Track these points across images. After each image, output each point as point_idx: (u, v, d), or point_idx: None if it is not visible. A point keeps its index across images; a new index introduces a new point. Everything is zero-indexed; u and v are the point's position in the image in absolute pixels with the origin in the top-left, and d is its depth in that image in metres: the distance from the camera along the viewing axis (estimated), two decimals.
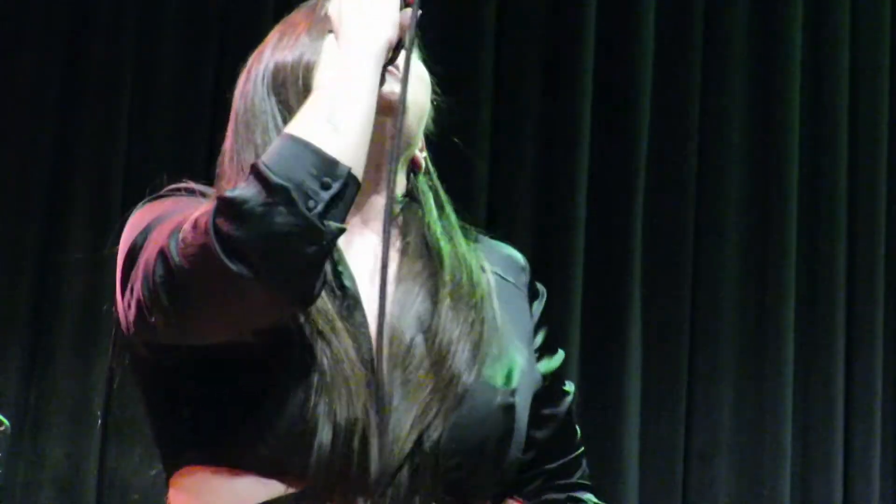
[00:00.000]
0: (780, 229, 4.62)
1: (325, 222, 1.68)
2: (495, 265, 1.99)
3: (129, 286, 1.74)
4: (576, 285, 4.42)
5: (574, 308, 4.40)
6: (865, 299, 4.71)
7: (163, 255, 1.68)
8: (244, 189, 1.66)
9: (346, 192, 1.71)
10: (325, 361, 1.76)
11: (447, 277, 1.89)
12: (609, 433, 4.41)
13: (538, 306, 2.01)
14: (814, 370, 4.64)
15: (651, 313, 4.51)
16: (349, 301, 1.81)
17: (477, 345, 1.86)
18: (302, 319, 1.76)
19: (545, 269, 4.36)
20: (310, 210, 1.66)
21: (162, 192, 1.88)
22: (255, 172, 1.67)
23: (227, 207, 1.65)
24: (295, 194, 1.66)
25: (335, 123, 1.73)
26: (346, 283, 1.82)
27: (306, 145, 1.70)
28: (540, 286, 2.04)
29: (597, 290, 4.46)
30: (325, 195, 1.68)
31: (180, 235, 1.68)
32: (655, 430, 4.49)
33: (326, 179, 1.69)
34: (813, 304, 4.67)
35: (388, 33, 1.83)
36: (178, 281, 1.67)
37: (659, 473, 4.48)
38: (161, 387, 1.81)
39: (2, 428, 3.55)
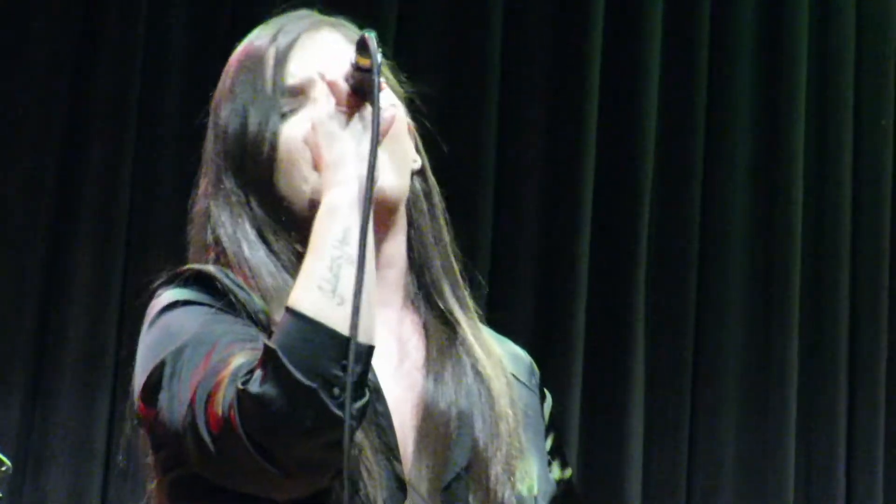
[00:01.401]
0: (784, 270, 4.65)
1: (352, 406, 1.70)
2: (508, 363, 2.00)
3: (157, 410, 1.77)
4: (577, 331, 4.44)
5: (576, 349, 4.43)
6: (868, 337, 4.72)
7: (193, 426, 1.72)
8: (267, 387, 1.67)
9: (366, 367, 1.72)
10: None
11: (479, 369, 1.91)
12: (611, 469, 4.42)
13: (547, 408, 2.03)
14: (816, 411, 4.67)
15: (654, 353, 4.52)
16: (371, 395, 1.80)
17: (511, 455, 1.89)
18: None
19: (547, 313, 4.39)
20: (335, 399, 1.68)
21: (179, 298, 1.85)
22: (276, 366, 1.68)
23: (252, 406, 1.68)
24: (322, 393, 1.68)
25: (341, 295, 1.73)
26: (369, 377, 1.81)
27: (320, 328, 1.71)
28: (546, 391, 2.05)
29: (599, 330, 4.48)
30: (349, 379, 1.69)
31: (206, 417, 1.71)
32: (658, 467, 4.50)
33: (345, 362, 1.70)
34: (817, 347, 4.70)
35: (364, 170, 1.79)
36: (206, 455, 1.72)
37: None
38: (179, 477, 1.83)
39: (3, 468, 3.55)
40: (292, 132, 1.90)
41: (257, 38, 1.96)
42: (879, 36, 4.81)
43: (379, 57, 1.78)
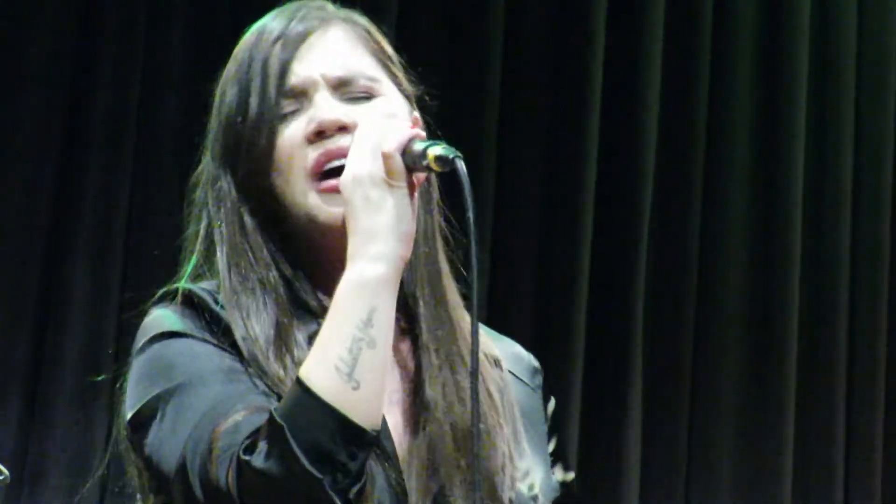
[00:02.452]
0: (783, 314, 4.67)
1: (352, 494, 1.70)
2: (507, 361, 1.99)
3: (145, 444, 1.79)
4: (577, 337, 4.46)
5: (576, 355, 4.45)
6: (866, 364, 4.75)
7: (183, 479, 1.73)
8: (272, 465, 1.68)
9: (369, 454, 1.72)
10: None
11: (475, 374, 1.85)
12: (610, 475, 4.46)
13: (550, 410, 2.01)
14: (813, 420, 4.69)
15: (652, 360, 4.55)
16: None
17: (510, 454, 1.88)
18: None
19: (546, 319, 4.38)
20: (338, 486, 1.68)
21: (171, 327, 1.84)
22: (283, 446, 1.68)
23: (254, 480, 1.69)
24: (327, 482, 1.68)
25: (358, 379, 1.71)
26: None
27: (332, 412, 1.69)
28: (550, 393, 2.04)
29: (598, 337, 4.50)
30: (354, 467, 1.69)
31: (200, 473, 1.72)
32: (655, 472, 4.54)
33: (353, 450, 1.69)
34: (815, 359, 4.71)
35: (405, 252, 1.78)
36: None
37: None
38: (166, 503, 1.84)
39: (1, 477, 3.55)
40: (290, 135, 1.87)
41: (269, 24, 1.93)
42: (880, 39, 4.83)
43: (468, 187, 1.76)
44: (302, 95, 1.88)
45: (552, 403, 2.02)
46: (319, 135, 1.85)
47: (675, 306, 4.62)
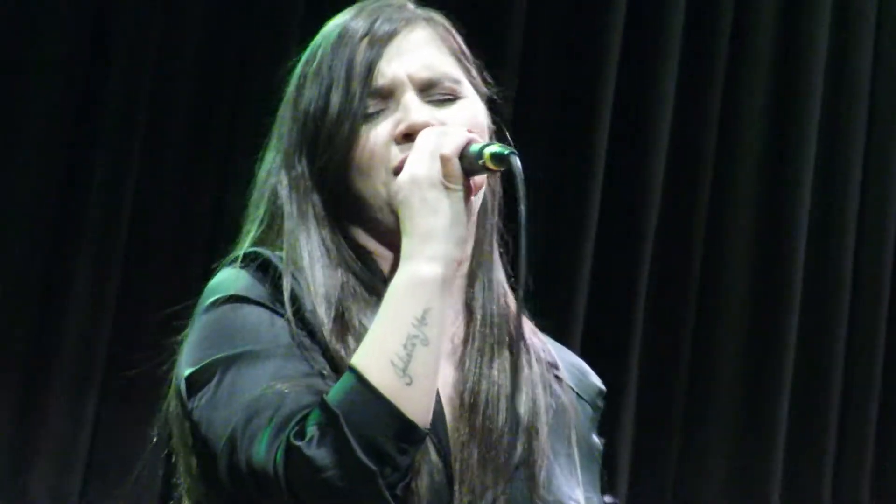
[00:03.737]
0: (782, 328, 4.68)
1: (398, 488, 1.73)
2: (567, 374, 2.01)
3: (194, 407, 1.82)
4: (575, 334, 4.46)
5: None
6: (863, 377, 4.78)
7: (230, 452, 1.76)
8: (323, 453, 1.70)
9: (417, 451, 1.75)
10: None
11: (527, 370, 1.92)
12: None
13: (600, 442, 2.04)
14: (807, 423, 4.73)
15: (650, 360, 4.57)
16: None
17: (574, 470, 1.92)
18: None
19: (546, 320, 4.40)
20: (387, 479, 1.71)
21: (241, 292, 1.86)
22: (336, 435, 1.70)
23: (303, 466, 1.71)
24: (379, 476, 1.71)
25: (412, 375, 1.74)
26: None
27: (387, 406, 1.73)
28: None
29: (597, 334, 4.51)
30: (403, 462, 1.73)
31: (248, 449, 1.74)
32: (647, 478, 4.57)
33: (404, 445, 1.73)
34: (813, 365, 4.74)
35: (458, 253, 1.82)
36: (236, 480, 1.76)
37: None
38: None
39: None
40: (376, 134, 1.89)
41: (352, 23, 1.94)
42: None
43: (522, 182, 1.80)
44: (389, 96, 1.90)
45: (600, 443, 2.04)
46: (407, 137, 1.87)
47: (672, 329, 4.65)
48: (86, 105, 4.15)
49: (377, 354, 1.75)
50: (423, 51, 1.93)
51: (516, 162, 1.80)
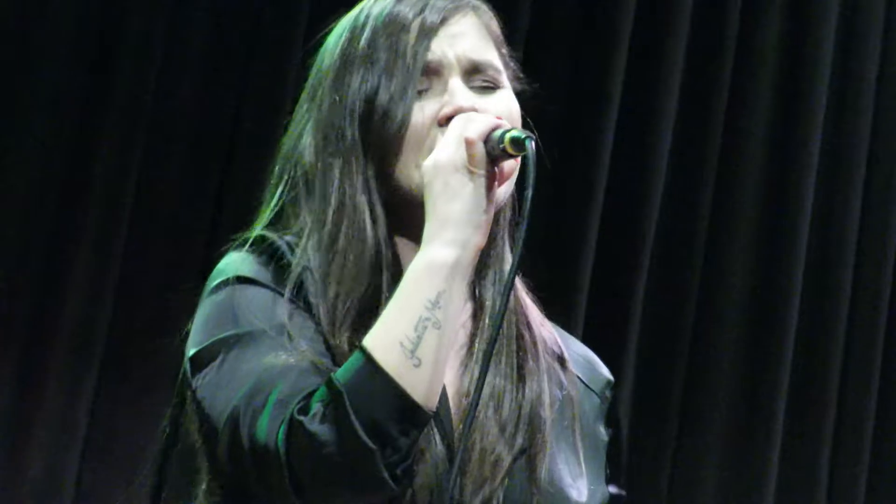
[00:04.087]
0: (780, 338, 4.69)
1: (398, 470, 1.73)
2: (575, 364, 2.02)
3: (198, 385, 1.84)
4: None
5: None
6: (854, 424, 4.77)
7: (232, 429, 1.77)
8: (325, 429, 1.71)
9: (421, 433, 1.76)
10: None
11: (534, 365, 1.93)
12: None
13: (613, 430, 2.05)
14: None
15: (646, 366, 4.58)
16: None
17: (578, 462, 1.94)
18: None
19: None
20: (387, 460, 1.72)
21: (249, 274, 1.88)
22: (339, 412, 1.71)
23: (304, 442, 1.72)
24: (378, 455, 1.71)
25: (420, 357, 1.74)
26: None
27: (393, 386, 1.73)
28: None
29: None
30: (405, 443, 1.73)
31: (250, 425, 1.76)
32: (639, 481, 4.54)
33: (407, 426, 1.73)
34: (809, 378, 4.74)
35: (479, 240, 1.82)
36: (236, 458, 1.78)
37: None
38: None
39: None
40: (423, 114, 1.91)
41: (400, 7, 1.95)
42: None
43: (534, 167, 1.81)
44: (434, 74, 1.92)
45: (615, 426, 2.06)
46: (450, 119, 1.88)
47: (669, 334, 4.65)
48: (92, 95, 4.15)
49: (387, 335, 1.75)
50: (470, 37, 1.95)
51: (531, 146, 1.81)
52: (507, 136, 1.83)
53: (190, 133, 4.20)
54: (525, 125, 1.97)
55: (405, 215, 1.91)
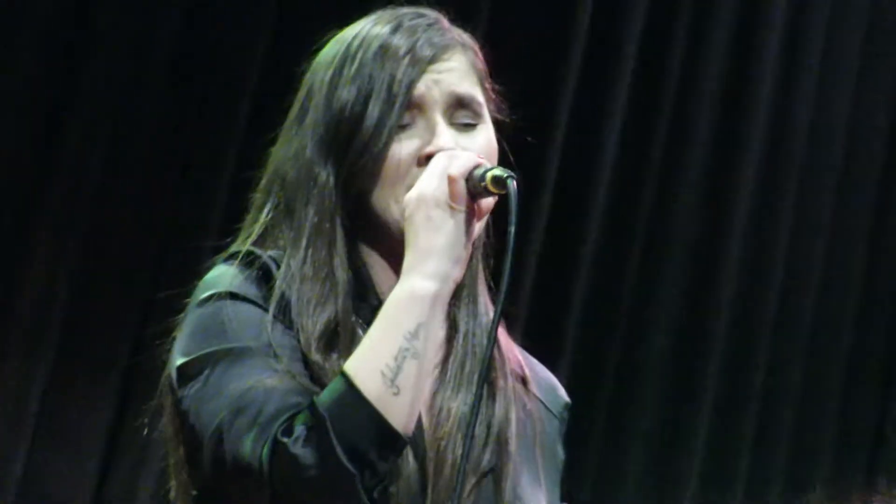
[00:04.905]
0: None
1: (375, 493, 1.79)
2: (537, 387, 2.07)
3: (184, 397, 1.88)
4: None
5: None
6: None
7: (216, 445, 1.82)
8: (308, 453, 1.77)
9: (397, 457, 1.82)
10: None
11: (501, 384, 1.98)
12: None
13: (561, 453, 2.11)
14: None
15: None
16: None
17: (538, 477, 2.00)
18: None
19: None
20: (366, 483, 1.78)
21: (235, 290, 1.92)
22: (321, 437, 1.77)
23: (286, 463, 1.77)
24: (358, 479, 1.77)
25: (399, 386, 1.80)
26: None
27: (373, 413, 1.79)
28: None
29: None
30: (383, 468, 1.79)
31: (235, 443, 1.80)
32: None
33: (385, 452, 1.79)
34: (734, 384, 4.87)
35: (458, 273, 1.87)
36: (219, 472, 1.83)
37: None
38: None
39: None
40: (403, 150, 1.95)
41: (394, 38, 1.98)
42: (829, 118, 5.00)
43: (515, 205, 1.85)
44: (418, 109, 1.96)
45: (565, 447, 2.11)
46: (430, 158, 1.92)
47: (602, 341, 4.75)
48: (67, 74, 4.13)
49: (368, 363, 1.81)
50: (456, 73, 1.98)
51: (513, 185, 1.86)
52: (489, 174, 1.88)
53: (154, 124, 4.21)
54: (504, 161, 2.01)
55: (380, 243, 1.97)
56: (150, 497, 4.09)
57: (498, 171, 1.88)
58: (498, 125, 2.04)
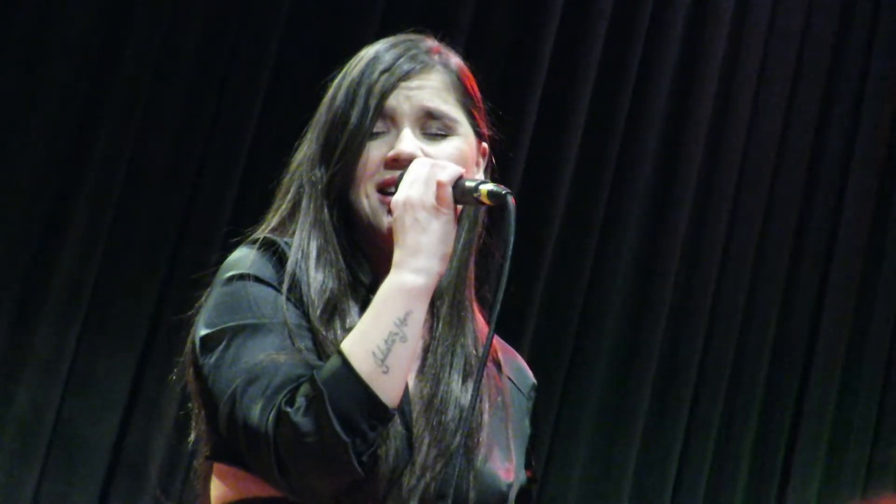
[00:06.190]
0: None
1: (365, 457, 1.94)
2: (509, 368, 2.24)
3: (203, 365, 2.02)
4: None
5: None
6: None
7: (230, 410, 1.96)
8: (306, 422, 1.91)
9: (385, 427, 1.96)
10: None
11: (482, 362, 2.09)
12: None
13: (533, 426, 2.27)
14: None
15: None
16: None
17: (508, 449, 2.14)
18: None
19: None
20: (357, 449, 1.92)
21: (254, 272, 2.05)
22: (319, 408, 1.90)
23: (288, 431, 1.91)
24: (350, 446, 1.91)
25: (388, 365, 1.94)
26: None
27: (365, 389, 1.92)
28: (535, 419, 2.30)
29: None
30: (373, 436, 1.93)
31: (245, 409, 1.94)
32: None
33: (374, 422, 1.93)
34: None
35: (442, 269, 2.00)
36: (234, 435, 1.98)
37: None
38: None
39: None
40: (376, 153, 2.10)
41: (385, 53, 2.13)
42: (764, 144, 5.31)
43: (513, 220, 1.99)
44: (391, 120, 2.11)
45: (535, 423, 2.26)
46: (395, 161, 2.08)
47: (556, 345, 5.02)
48: (98, 77, 4.30)
49: (362, 344, 1.94)
50: (429, 90, 2.11)
51: (511, 202, 1.99)
52: (484, 188, 2.01)
53: (176, 118, 4.40)
54: (493, 176, 2.16)
55: (362, 232, 2.12)
56: (164, 441, 4.33)
57: (493, 187, 2.01)
58: (485, 139, 2.17)
